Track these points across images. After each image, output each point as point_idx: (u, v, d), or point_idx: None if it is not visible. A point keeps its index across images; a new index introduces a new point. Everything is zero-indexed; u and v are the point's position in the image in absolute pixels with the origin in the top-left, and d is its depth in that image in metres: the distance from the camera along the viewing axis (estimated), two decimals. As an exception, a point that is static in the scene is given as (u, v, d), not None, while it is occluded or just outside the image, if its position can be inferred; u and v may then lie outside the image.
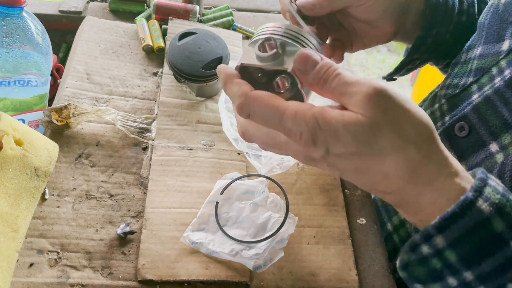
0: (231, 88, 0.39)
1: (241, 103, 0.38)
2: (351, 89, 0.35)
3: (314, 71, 0.37)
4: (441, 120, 0.59)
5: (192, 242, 0.54)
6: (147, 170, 0.61)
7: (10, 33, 0.58)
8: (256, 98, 0.37)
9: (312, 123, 0.35)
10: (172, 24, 0.78)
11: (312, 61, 0.37)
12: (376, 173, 0.36)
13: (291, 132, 0.36)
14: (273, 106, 0.36)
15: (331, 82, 0.36)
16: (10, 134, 0.52)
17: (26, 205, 0.52)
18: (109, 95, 0.69)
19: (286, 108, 0.36)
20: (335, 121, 0.35)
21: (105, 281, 0.51)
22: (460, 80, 0.57)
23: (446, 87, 0.59)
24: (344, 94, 0.36)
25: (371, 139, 0.35)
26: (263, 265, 0.52)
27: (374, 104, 0.34)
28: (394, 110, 0.35)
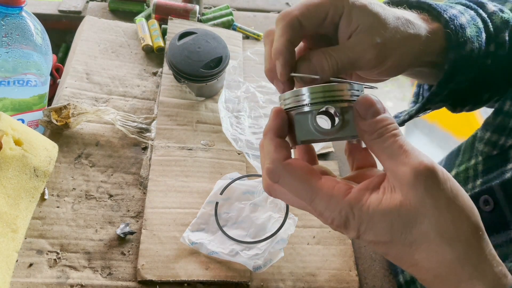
0: (268, 145, 0.36)
1: (272, 169, 0.35)
2: (403, 158, 0.32)
3: (372, 120, 0.34)
4: (473, 182, 0.54)
5: (192, 242, 0.54)
6: (147, 170, 0.61)
7: (10, 33, 0.58)
8: (289, 170, 0.35)
9: (346, 211, 0.33)
10: (171, 23, 0.78)
11: (375, 109, 0.34)
12: (405, 261, 0.34)
13: (321, 215, 0.34)
14: (306, 185, 0.34)
15: (386, 140, 0.33)
16: (10, 134, 0.52)
17: (26, 205, 0.52)
18: (109, 95, 0.69)
19: (320, 189, 0.34)
20: (371, 211, 0.32)
21: (105, 281, 0.51)
22: (500, 138, 0.51)
23: (484, 142, 0.53)
24: (392, 159, 0.33)
25: (406, 228, 0.32)
26: (263, 266, 0.52)
27: (419, 184, 0.31)
28: (439, 198, 0.32)
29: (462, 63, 0.46)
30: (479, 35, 0.47)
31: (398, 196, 0.32)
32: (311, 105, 0.36)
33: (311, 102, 0.36)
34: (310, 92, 0.36)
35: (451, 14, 0.46)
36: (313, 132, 0.36)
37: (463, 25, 0.46)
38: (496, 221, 0.47)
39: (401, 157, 0.32)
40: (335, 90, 0.35)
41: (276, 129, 0.37)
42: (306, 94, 0.36)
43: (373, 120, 0.34)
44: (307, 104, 0.36)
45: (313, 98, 0.36)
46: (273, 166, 0.35)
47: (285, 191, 0.36)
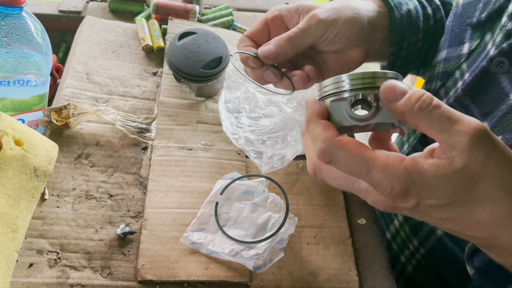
0: (314, 128, 0.37)
1: (324, 149, 0.35)
2: (455, 127, 0.32)
3: (405, 98, 0.34)
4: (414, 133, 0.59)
5: (192, 242, 0.54)
6: (147, 170, 0.61)
7: (10, 33, 0.58)
8: (342, 146, 0.35)
9: (405, 177, 0.33)
10: (171, 24, 0.78)
11: (401, 90, 0.35)
12: (468, 221, 0.35)
13: (380, 185, 0.34)
14: (361, 157, 0.34)
15: (430, 114, 0.33)
16: (10, 134, 0.52)
17: (26, 205, 0.52)
18: (109, 95, 0.69)
19: (375, 160, 0.34)
20: (430, 174, 0.33)
21: (105, 281, 0.51)
22: (431, 85, 0.58)
23: None
24: (445, 132, 0.33)
25: (468, 188, 0.33)
26: (263, 266, 0.52)
27: (478, 148, 0.32)
28: (497, 156, 0.33)
29: (406, 22, 0.55)
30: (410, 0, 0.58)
31: (458, 162, 0.32)
32: (348, 91, 0.37)
33: (348, 88, 0.37)
34: (347, 79, 0.37)
35: None
36: (347, 119, 0.36)
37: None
38: None
39: (453, 128, 0.32)
40: (369, 77, 0.36)
41: (317, 112, 0.38)
42: (345, 81, 0.37)
43: (406, 98, 0.34)
44: (344, 90, 0.37)
45: (350, 84, 0.37)
46: (326, 145, 0.35)
47: (334, 170, 0.37)
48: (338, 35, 0.50)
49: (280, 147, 0.61)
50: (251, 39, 0.52)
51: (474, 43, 0.51)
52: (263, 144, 0.62)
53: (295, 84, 0.51)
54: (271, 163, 0.60)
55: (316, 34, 0.50)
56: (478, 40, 0.51)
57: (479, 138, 0.32)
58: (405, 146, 0.64)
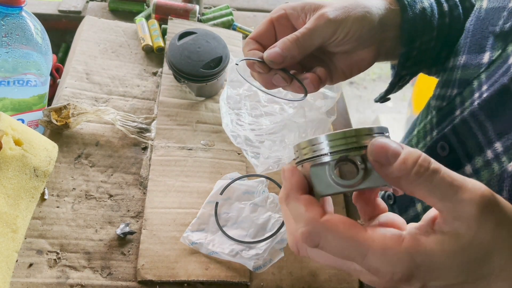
0: (296, 207, 0.32)
1: (309, 232, 0.31)
2: (459, 195, 0.29)
3: (400, 162, 0.30)
4: (430, 134, 0.57)
5: (192, 242, 0.54)
6: (147, 170, 0.61)
7: (10, 32, 0.58)
8: (330, 228, 0.30)
9: (407, 262, 0.29)
10: (171, 23, 0.78)
11: (393, 150, 0.30)
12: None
13: (378, 271, 0.30)
14: (354, 241, 0.30)
15: (430, 180, 0.29)
16: (10, 134, 0.52)
17: (26, 205, 0.52)
18: (109, 95, 0.69)
19: (371, 243, 0.30)
20: (435, 255, 0.29)
21: (105, 281, 0.51)
22: (447, 91, 0.55)
23: (436, 97, 0.57)
24: (447, 200, 0.29)
25: (479, 264, 0.29)
26: (263, 266, 0.52)
27: (488, 218, 0.28)
28: (508, 223, 0.29)
29: (419, 21, 0.52)
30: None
31: (464, 234, 0.29)
32: (328, 154, 0.32)
33: (328, 151, 0.32)
34: (326, 140, 0.32)
35: None
36: (332, 185, 0.32)
37: None
38: (451, 163, 0.49)
39: (457, 196, 0.29)
40: (352, 136, 0.31)
41: (297, 186, 0.33)
42: (323, 143, 0.32)
43: (400, 161, 0.30)
44: (324, 154, 0.32)
45: (330, 146, 0.32)
46: (311, 228, 0.31)
47: (322, 252, 0.32)
48: (347, 36, 0.48)
49: (277, 149, 0.61)
50: (256, 42, 0.50)
51: (496, 53, 0.48)
52: (262, 144, 0.62)
53: (307, 87, 0.49)
54: (267, 164, 0.60)
55: (325, 34, 0.47)
56: (500, 51, 0.48)
57: (487, 206, 0.28)
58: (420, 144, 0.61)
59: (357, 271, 0.32)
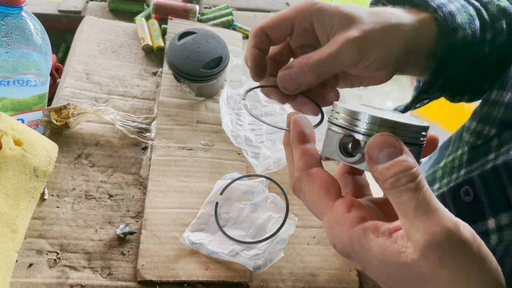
0: (295, 152, 0.36)
1: (296, 177, 0.35)
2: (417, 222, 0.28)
3: (385, 166, 0.30)
4: (458, 172, 0.52)
5: (192, 242, 0.53)
6: (147, 170, 0.61)
7: (9, 32, 0.58)
8: (309, 180, 0.34)
9: (346, 243, 0.31)
10: (171, 23, 0.78)
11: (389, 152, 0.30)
12: None
13: (327, 235, 0.33)
14: (319, 201, 0.33)
15: (400, 195, 0.29)
16: (9, 134, 0.52)
17: (25, 206, 0.52)
18: (109, 95, 0.69)
19: (330, 211, 0.33)
20: (372, 254, 0.30)
21: (105, 281, 0.51)
22: (484, 128, 0.49)
23: (470, 132, 0.51)
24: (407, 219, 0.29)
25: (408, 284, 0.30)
26: (263, 266, 0.52)
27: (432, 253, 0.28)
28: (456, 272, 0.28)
29: (455, 50, 0.45)
30: (471, 22, 0.46)
31: (408, 255, 0.29)
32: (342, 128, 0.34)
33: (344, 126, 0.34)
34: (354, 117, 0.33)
35: (438, 2, 0.45)
36: (335, 153, 0.35)
37: (453, 12, 0.45)
38: (474, 211, 0.46)
39: (416, 220, 0.28)
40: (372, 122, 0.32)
41: (298, 136, 0.36)
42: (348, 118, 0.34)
43: (385, 166, 0.30)
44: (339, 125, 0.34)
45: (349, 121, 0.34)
46: (298, 174, 0.35)
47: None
48: (372, 63, 0.42)
49: (277, 148, 0.61)
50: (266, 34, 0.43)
51: None
52: (262, 144, 0.62)
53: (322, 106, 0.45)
54: (267, 164, 0.60)
55: (348, 62, 0.41)
56: None
57: (438, 242, 0.27)
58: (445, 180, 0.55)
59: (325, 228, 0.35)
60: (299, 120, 0.37)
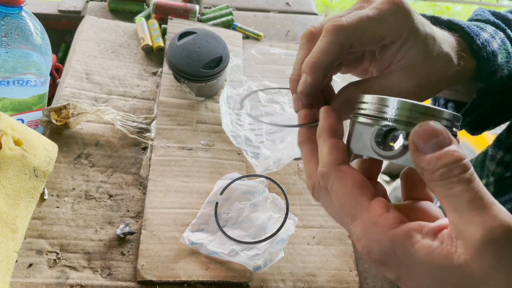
0: (322, 145, 0.32)
1: (323, 173, 0.32)
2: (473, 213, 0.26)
3: (434, 155, 0.27)
4: None
5: (192, 242, 0.53)
6: (147, 170, 0.61)
7: (9, 32, 0.58)
8: (339, 176, 0.31)
9: (386, 247, 0.28)
10: (171, 23, 0.78)
11: (438, 141, 0.27)
12: None
13: (358, 240, 0.29)
14: (352, 200, 0.30)
15: (451, 187, 0.26)
16: (9, 134, 0.52)
17: (25, 206, 0.52)
18: (109, 95, 0.69)
19: (366, 211, 0.29)
20: (417, 258, 0.27)
21: (104, 281, 0.51)
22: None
23: (497, 162, 0.49)
24: (458, 212, 0.26)
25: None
26: (263, 266, 0.52)
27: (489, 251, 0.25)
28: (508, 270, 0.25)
29: (490, 91, 0.44)
30: (508, 60, 0.45)
31: (459, 257, 0.26)
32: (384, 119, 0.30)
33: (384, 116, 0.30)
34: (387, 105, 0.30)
35: (483, 39, 0.43)
36: (369, 149, 0.31)
37: (495, 52, 0.43)
38: None
39: (470, 214, 0.26)
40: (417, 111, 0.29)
41: (329, 129, 0.33)
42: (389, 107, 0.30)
43: (434, 156, 0.27)
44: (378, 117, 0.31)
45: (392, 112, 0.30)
46: (325, 169, 0.31)
47: (330, 199, 0.32)
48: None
49: (277, 148, 0.61)
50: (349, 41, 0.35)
51: None
52: (262, 144, 0.62)
53: None
54: (267, 164, 0.60)
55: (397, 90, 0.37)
56: None
57: (496, 238, 0.25)
58: None
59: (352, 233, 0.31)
60: (331, 112, 0.33)
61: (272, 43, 0.84)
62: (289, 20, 0.91)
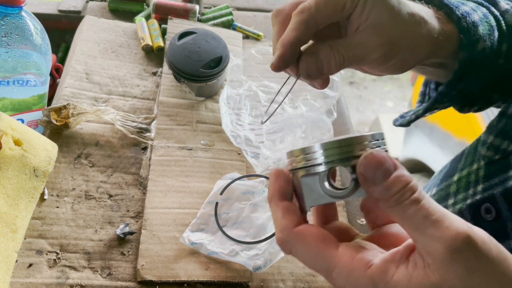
0: (275, 210, 0.33)
1: (282, 240, 0.31)
2: (431, 230, 0.27)
3: (384, 184, 0.28)
4: (474, 187, 0.51)
5: (192, 242, 0.53)
6: (147, 170, 0.61)
7: (9, 32, 0.58)
8: (301, 239, 0.31)
9: (368, 286, 0.28)
10: (171, 23, 0.78)
11: (384, 169, 0.28)
12: None
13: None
14: (321, 256, 0.30)
15: (406, 209, 0.28)
16: (9, 134, 0.52)
17: (25, 206, 0.52)
18: (108, 95, 0.69)
19: (338, 261, 0.29)
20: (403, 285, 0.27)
21: (104, 281, 0.51)
22: (503, 142, 0.48)
23: (487, 146, 0.50)
24: (419, 231, 0.28)
25: None
26: (263, 266, 0.52)
27: (457, 261, 0.26)
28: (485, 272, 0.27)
29: (473, 62, 0.44)
30: (491, 33, 0.45)
31: (434, 274, 0.27)
32: (322, 164, 0.31)
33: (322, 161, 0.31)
34: (320, 149, 0.31)
35: (463, 11, 0.44)
36: (323, 196, 0.31)
37: (476, 23, 0.44)
38: (497, 230, 0.44)
39: (428, 230, 0.27)
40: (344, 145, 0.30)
41: (279, 192, 0.33)
42: (317, 152, 0.31)
43: (385, 185, 0.28)
44: (317, 164, 0.31)
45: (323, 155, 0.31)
46: (283, 236, 0.31)
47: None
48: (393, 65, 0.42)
49: (277, 149, 0.61)
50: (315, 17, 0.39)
51: None
52: (262, 144, 0.62)
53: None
54: (267, 164, 0.60)
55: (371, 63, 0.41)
56: None
57: (458, 249, 0.26)
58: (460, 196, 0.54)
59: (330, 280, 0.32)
60: (280, 174, 0.33)
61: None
62: (289, 20, 0.91)
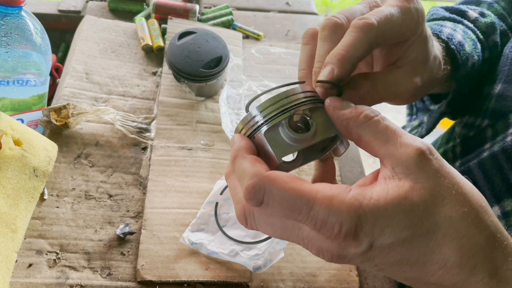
0: (241, 164, 0.31)
1: (253, 185, 0.29)
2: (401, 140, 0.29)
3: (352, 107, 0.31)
4: (452, 164, 0.52)
5: (192, 242, 0.53)
6: (147, 170, 0.61)
7: (9, 32, 0.58)
8: (274, 180, 0.29)
9: (355, 211, 0.27)
10: (171, 23, 0.78)
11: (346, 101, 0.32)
12: (429, 263, 0.28)
13: (325, 223, 0.28)
14: (299, 192, 0.29)
15: (377, 124, 0.30)
16: (9, 134, 0.52)
17: (25, 206, 0.52)
18: (108, 94, 0.69)
19: (317, 193, 0.28)
20: (383, 203, 0.28)
21: (104, 281, 0.51)
22: (476, 120, 0.50)
23: (463, 125, 0.53)
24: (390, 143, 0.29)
25: (426, 215, 0.28)
26: (263, 266, 0.52)
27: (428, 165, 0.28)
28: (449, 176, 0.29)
29: (467, 79, 0.46)
30: (475, 47, 0.48)
31: (407, 181, 0.28)
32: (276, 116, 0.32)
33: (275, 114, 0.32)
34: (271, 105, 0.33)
35: (447, 34, 0.46)
36: (290, 144, 0.32)
37: (461, 42, 0.46)
38: None
39: (399, 140, 0.29)
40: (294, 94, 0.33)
41: (245, 147, 0.32)
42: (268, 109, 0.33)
43: (352, 107, 0.31)
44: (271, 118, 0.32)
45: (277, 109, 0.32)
46: (256, 180, 0.29)
47: (269, 214, 0.31)
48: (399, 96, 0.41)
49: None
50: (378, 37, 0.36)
51: None
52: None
53: None
54: None
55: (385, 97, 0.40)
56: None
57: (425, 152, 0.28)
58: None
59: (305, 238, 0.31)
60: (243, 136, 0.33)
61: (272, 43, 0.84)
62: (289, 20, 0.91)
